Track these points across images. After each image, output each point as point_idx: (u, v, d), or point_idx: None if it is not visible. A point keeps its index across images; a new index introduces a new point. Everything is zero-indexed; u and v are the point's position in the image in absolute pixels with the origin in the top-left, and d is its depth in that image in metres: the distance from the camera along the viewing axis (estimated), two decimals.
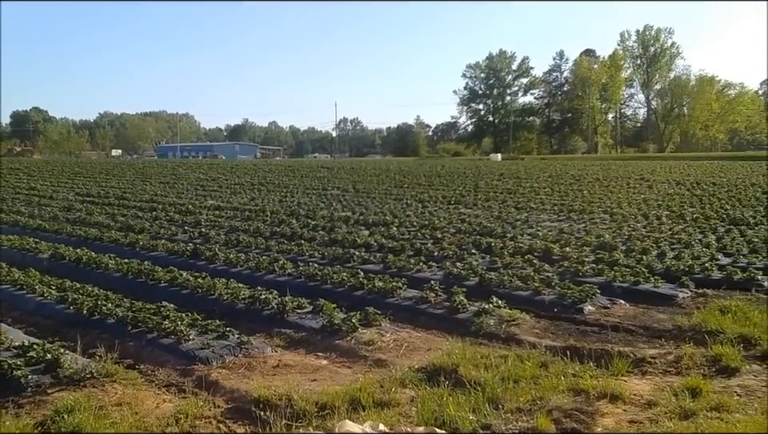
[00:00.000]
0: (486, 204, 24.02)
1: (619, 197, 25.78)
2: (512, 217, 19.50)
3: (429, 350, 7.53)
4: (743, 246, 13.26)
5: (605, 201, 24.20)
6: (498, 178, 39.16)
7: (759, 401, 5.80)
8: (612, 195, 26.72)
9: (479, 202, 24.92)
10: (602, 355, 6.98)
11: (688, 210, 20.43)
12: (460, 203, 24.65)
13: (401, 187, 33.46)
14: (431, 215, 20.08)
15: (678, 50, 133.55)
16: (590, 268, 11.14)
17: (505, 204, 23.85)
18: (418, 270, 11.56)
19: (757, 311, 8.42)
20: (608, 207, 21.64)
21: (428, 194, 28.43)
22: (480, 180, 37.65)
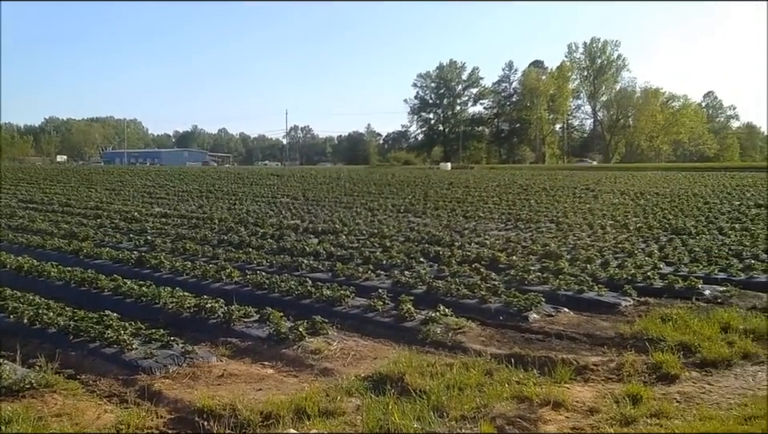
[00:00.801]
0: (435, 213, 24.17)
1: (565, 207, 26.17)
2: (460, 226, 19.68)
3: (376, 358, 7.55)
4: (685, 255, 13.55)
5: (551, 210, 24.53)
6: (447, 187, 39.42)
7: (698, 408, 5.94)
8: (558, 205, 27.10)
9: (428, 210, 25.06)
10: (545, 362, 7.07)
11: (632, 219, 20.83)
12: (409, 212, 24.77)
13: (351, 196, 33.48)
14: (381, 224, 20.14)
15: (624, 62, 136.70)
16: (535, 277, 11.29)
17: (454, 213, 24.03)
18: (367, 278, 11.59)
19: (697, 319, 8.61)
20: (554, 217, 21.95)
21: (378, 203, 28.50)
22: (430, 189, 37.88)
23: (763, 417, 5.51)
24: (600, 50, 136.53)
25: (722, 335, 7.91)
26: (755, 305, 9.61)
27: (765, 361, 7.26)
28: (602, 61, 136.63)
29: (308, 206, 27.38)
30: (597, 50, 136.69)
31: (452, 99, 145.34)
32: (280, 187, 40.26)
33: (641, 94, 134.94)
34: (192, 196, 33.27)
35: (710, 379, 6.78)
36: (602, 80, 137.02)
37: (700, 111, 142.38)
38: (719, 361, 7.16)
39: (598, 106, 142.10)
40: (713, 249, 14.20)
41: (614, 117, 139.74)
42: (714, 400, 6.14)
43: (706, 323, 8.35)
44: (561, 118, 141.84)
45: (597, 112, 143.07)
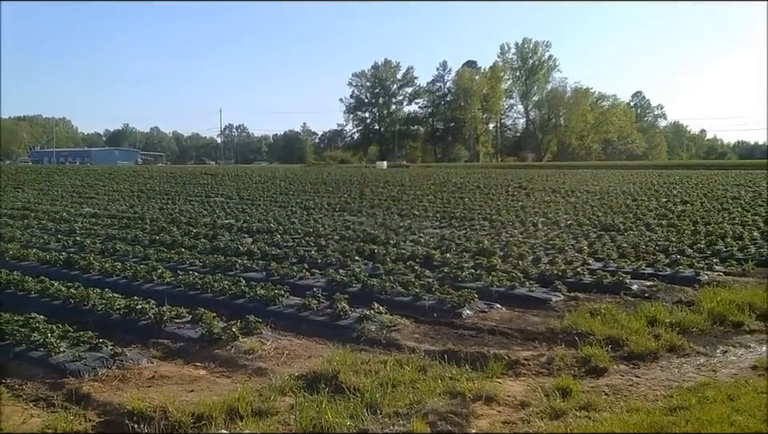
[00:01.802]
0: (370, 211, 24.22)
1: (498, 204, 26.50)
2: (396, 224, 19.76)
3: (310, 357, 7.52)
4: (613, 251, 13.85)
5: (485, 208, 24.80)
6: (383, 186, 39.56)
7: (625, 400, 6.09)
8: (492, 203, 27.44)
9: (364, 209, 25.11)
10: (478, 357, 7.15)
11: (563, 217, 21.24)
12: (345, 210, 24.77)
13: (286, 195, 33.37)
14: (316, 222, 20.07)
15: (555, 62, 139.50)
16: (469, 273, 11.39)
17: (389, 211, 24.12)
18: (302, 277, 11.54)
19: (624, 313, 8.82)
20: (488, 214, 22.20)
21: (313, 202, 28.43)
22: (365, 187, 37.94)
23: (688, 408, 5.67)
24: (531, 50, 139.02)
25: (649, 329, 8.12)
26: (681, 299, 9.88)
27: (690, 353, 7.48)
28: (534, 61, 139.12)
29: (242, 206, 27.13)
30: (528, 51, 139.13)
31: (387, 98, 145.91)
32: (214, 186, 39.86)
33: (571, 94, 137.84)
34: (123, 196, 32.68)
35: (638, 371, 6.96)
36: (533, 80, 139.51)
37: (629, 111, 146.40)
38: (646, 354, 7.36)
39: (530, 106, 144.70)
40: (640, 245, 14.58)
41: (546, 116, 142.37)
42: (641, 392, 6.30)
43: (634, 317, 8.56)
44: (494, 117, 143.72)
45: (529, 111, 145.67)
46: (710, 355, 7.52)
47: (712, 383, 6.44)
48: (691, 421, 5.36)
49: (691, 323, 8.44)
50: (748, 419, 5.36)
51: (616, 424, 5.38)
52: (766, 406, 5.66)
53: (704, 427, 5.23)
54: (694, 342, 7.86)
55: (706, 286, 10.74)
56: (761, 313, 9.04)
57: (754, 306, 9.20)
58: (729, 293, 9.90)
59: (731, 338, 8.19)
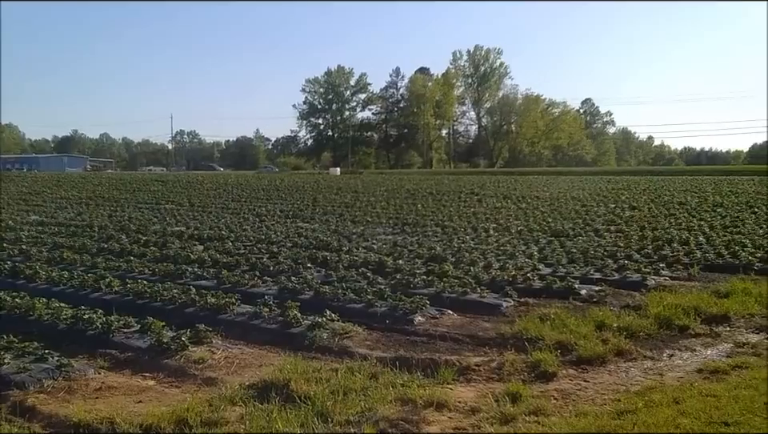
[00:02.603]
0: (323, 218, 24.18)
1: (451, 210, 26.66)
2: (348, 231, 19.73)
3: (261, 366, 7.46)
4: (563, 256, 14.04)
5: (437, 214, 24.92)
6: (336, 193, 39.53)
7: (574, 404, 6.17)
8: (444, 209, 27.58)
9: (317, 216, 25.07)
10: (429, 364, 7.18)
11: (513, 222, 21.43)
12: (298, 217, 24.71)
13: (238, 201, 33.16)
14: (268, 229, 19.95)
15: (506, 69, 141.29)
16: (421, 280, 11.43)
17: (342, 218, 24.09)
18: (253, 285, 11.46)
19: (573, 318, 8.92)
20: (440, 220, 22.32)
21: (266, 209, 28.30)
22: (318, 194, 37.90)
23: (635, 412, 5.77)
24: (483, 57, 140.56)
25: (597, 333, 8.23)
26: (628, 304, 10.05)
27: (637, 357, 7.61)
28: (486, 68, 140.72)
29: (193, 213, 26.88)
30: (480, 58, 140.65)
31: (341, 105, 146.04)
32: (165, 193, 39.39)
33: (522, 101, 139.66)
34: (71, 203, 32.14)
35: (586, 376, 7.05)
36: (485, 87, 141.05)
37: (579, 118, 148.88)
38: (594, 358, 7.45)
39: (482, 113, 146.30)
40: (589, 250, 14.78)
41: (498, 123, 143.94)
42: (590, 397, 6.39)
43: (582, 322, 8.67)
44: (447, 123, 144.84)
45: (481, 118, 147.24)
46: (656, 358, 7.65)
47: (658, 387, 6.56)
48: (638, 425, 5.44)
49: (638, 328, 8.58)
50: (693, 422, 5.47)
51: (564, 429, 5.44)
52: (710, 409, 5.78)
53: (650, 430, 5.32)
54: (641, 346, 8.00)
55: (653, 290, 10.94)
56: (706, 317, 9.23)
57: (699, 310, 9.40)
58: (675, 297, 10.10)
59: (677, 342, 8.34)
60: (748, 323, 9.16)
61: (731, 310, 9.51)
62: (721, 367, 7.14)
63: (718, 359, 7.59)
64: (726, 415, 5.61)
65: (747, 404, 5.88)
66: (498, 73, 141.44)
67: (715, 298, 10.21)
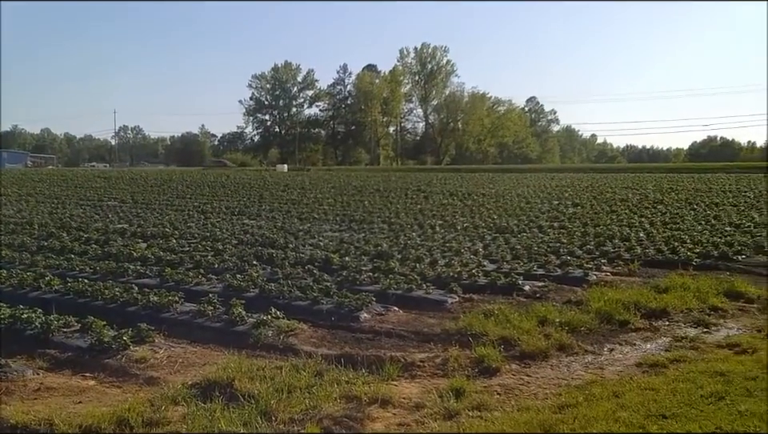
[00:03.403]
0: (270, 215, 24.02)
1: (397, 207, 26.70)
2: (295, 228, 19.63)
3: (204, 365, 7.39)
4: (507, 253, 14.19)
5: (384, 211, 24.95)
6: (283, 189, 39.32)
7: (517, 399, 6.25)
8: (391, 206, 27.61)
9: (263, 212, 24.89)
10: (375, 361, 7.19)
11: (459, 219, 21.56)
12: (244, 214, 24.50)
13: (183, 198, 32.75)
14: (213, 227, 19.75)
15: (453, 67, 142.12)
16: (367, 277, 11.45)
17: (289, 215, 23.96)
18: (197, 283, 11.34)
19: (517, 313, 9.01)
20: (387, 217, 22.34)
21: (211, 205, 28.01)
22: (265, 191, 37.67)
23: (575, 406, 5.87)
24: (430, 55, 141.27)
25: (540, 329, 8.35)
26: (570, 299, 10.19)
27: (578, 352, 7.74)
28: (432, 66, 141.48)
29: (137, 210, 26.47)
30: (427, 56, 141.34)
31: (288, 101, 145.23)
32: (107, 190, 38.76)
33: (469, 99, 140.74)
34: (10, 200, 31.36)
35: (529, 370, 7.15)
36: (432, 84, 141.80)
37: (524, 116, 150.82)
38: (537, 353, 7.56)
39: (429, 110, 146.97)
40: (533, 246, 14.97)
41: (445, 120, 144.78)
42: (532, 391, 6.48)
43: (526, 318, 8.77)
44: (394, 120, 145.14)
45: (428, 115, 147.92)
46: (597, 353, 7.80)
47: (599, 381, 6.69)
48: (578, 418, 5.54)
49: (580, 323, 8.73)
50: (632, 415, 5.58)
51: (507, 423, 5.51)
52: (649, 402, 5.91)
53: (590, 424, 5.42)
54: (583, 341, 8.15)
55: (595, 286, 11.13)
56: (646, 311, 9.43)
57: (639, 304, 9.60)
58: (616, 292, 10.29)
59: (618, 336, 8.51)
60: (686, 317, 9.39)
61: (670, 305, 9.72)
62: (660, 361, 7.31)
63: (657, 353, 7.76)
64: (664, 408, 5.74)
65: (685, 397, 6.03)
66: (445, 71, 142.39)
67: (655, 293, 10.44)
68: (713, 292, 10.47)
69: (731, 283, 10.98)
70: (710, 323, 9.08)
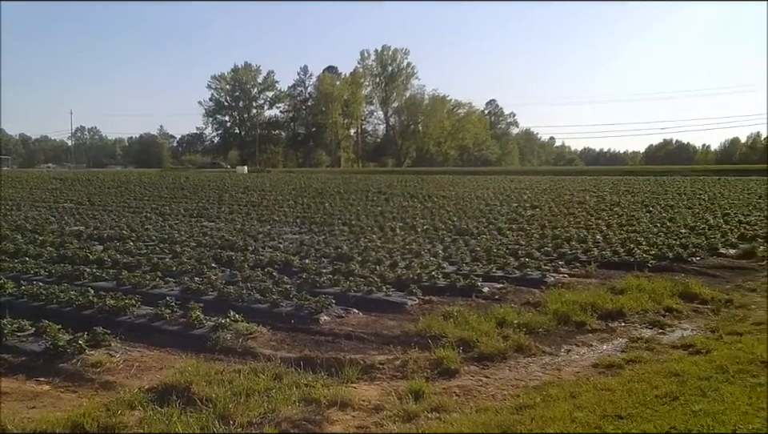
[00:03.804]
0: (229, 217, 23.84)
1: (358, 210, 26.68)
2: (255, 230, 19.51)
3: (161, 369, 7.31)
4: (467, 255, 14.26)
5: (345, 213, 24.90)
6: (242, 191, 39.09)
7: (475, 400, 6.30)
8: (352, 208, 27.58)
9: (222, 215, 24.70)
10: (334, 363, 7.19)
11: (420, 221, 21.60)
12: (202, 216, 24.28)
13: (141, 200, 32.41)
14: (171, 229, 19.54)
15: (414, 70, 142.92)
16: (327, 279, 11.42)
17: (248, 217, 23.82)
18: (155, 286, 11.20)
19: (476, 315, 9.07)
20: (347, 220, 22.30)
21: (169, 207, 27.70)
22: (225, 193, 37.42)
23: (533, 406, 5.93)
24: (391, 57, 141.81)
25: (499, 330, 8.41)
26: (528, 300, 10.29)
27: (536, 353, 7.82)
28: (393, 68, 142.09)
29: (93, 212, 26.07)
30: (388, 58, 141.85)
31: (248, 102, 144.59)
32: (63, 192, 38.15)
33: (429, 101, 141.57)
34: None
35: (487, 372, 7.21)
36: (393, 87, 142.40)
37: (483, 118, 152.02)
38: (495, 354, 7.62)
39: (390, 112, 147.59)
40: (492, 248, 15.05)
41: (405, 122, 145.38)
42: (490, 392, 6.53)
43: (484, 319, 8.83)
44: (355, 123, 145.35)
45: (389, 118, 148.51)
46: (554, 354, 7.88)
47: (556, 382, 6.77)
48: (536, 419, 5.60)
49: (538, 324, 8.82)
50: (588, 416, 5.66)
51: (465, 425, 5.54)
52: (605, 402, 6.00)
53: (547, 425, 5.48)
54: (540, 342, 8.22)
55: (552, 287, 11.25)
56: (602, 313, 9.56)
57: (595, 306, 9.72)
58: (573, 294, 10.42)
59: (574, 337, 8.62)
60: (642, 318, 9.53)
61: (626, 306, 9.86)
62: (616, 362, 7.42)
63: (613, 353, 7.87)
64: (620, 409, 5.82)
65: (640, 397, 6.12)
66: (406, 73, 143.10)
67: (611, 294, 10.58)
68: (668, 294, 10.64)
69: (686, 285, 11.17)
70: (664, 324, 9.24)
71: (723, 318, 9.64)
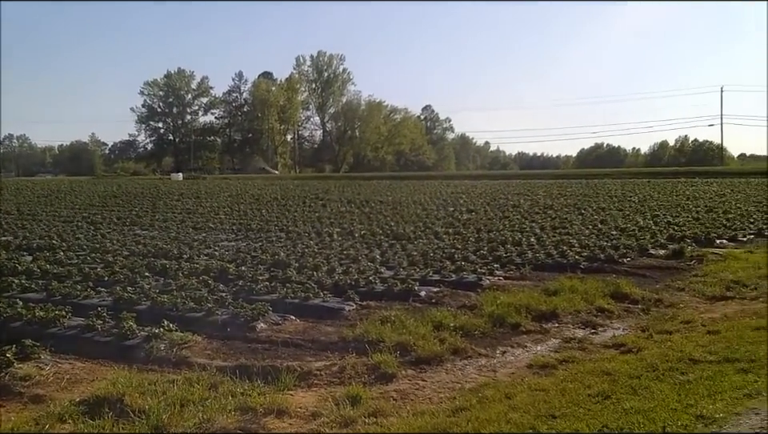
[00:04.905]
0: (163, 225, 23.47)
1: (295, 216, 26.56)
2: (190, 238, 19.26)
3: (93, 381, 7.16)
4: (404, 259, 14.32)
5: (282, 220, 24.75)
6: (177, 198, 38.56)
7: (412, 404, 6.34)
8: (289, 214, 27.44)
9: (156, 223, 24.30)
10: (271, 371, 7.14)
11: (357, 227, 21.58)
12: (136, 225, 23.87)
13: (72, 209, 31.67)
14: (104, 238, 19.14)
15: (350, 75, 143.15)
16: (264, 286, 11.33)
17: (183, 224, 23.50)
18: (86, 296, 10.95)
19: (413, 319, 9.12)
20: (284, 226, 22.19)
21: (101, 216, 27.13)
22: (159, 200, 36.85)
23: (469, 408, 5.99)
24: (327, 63, 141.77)
25: (435, 333, 8.47)
26: (465, 303, 10.39)
27: (472, 355, 7.91)
28: (329, 74, 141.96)
29: (23, 222, 25.31)
30: (323, 64, 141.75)
31: (182, 108, 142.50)
32: None
33: (365, 107, 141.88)
34: None
35: (424, 375, 7.26)
36: (329, 92, 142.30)
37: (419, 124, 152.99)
38: (432, 358, 7.68)
39: (326, 118, 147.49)
40: (429, 253, 15.15)
41: (342, 128, 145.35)
42: (427, 396, 6.58)
43: (421, 323, 8.87)
44: (292, 128, 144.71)
45: (326, 123, 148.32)
46: (490, 356, 7.98)
47: (491, 383, 6.85)
48: (471, 421, 5.66)
49: (474, 327, 8.92)
50: (523, 416, 5.74)
51: (402, 429, 5.57)
52: (539, 403, 6.09)
53: (483, 426, 5.54)
54: (477, 344, 8.32)
55: (488, 290, 11.39)
56: (536, 314, 9.72)
57: (530, 307, 9.88)
58: (508, 296, 10.55)
59: (510, 339, 8.74)
60: (575, 318, 9.73)
61: (559, 307, 10.05)
62: (549, 362, 7.55)
63: (547, 354, 8.01)
64: (554, 408, 5.93)
65: (573, 397, 6.24)
66: (342, 79, 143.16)
67: (545, 296, 10.76)
68: (599, 294, 10.87)
69: (617, 285, 11.43)
70: (597, 324, 9.46)
71: (653, 317, 9.91)
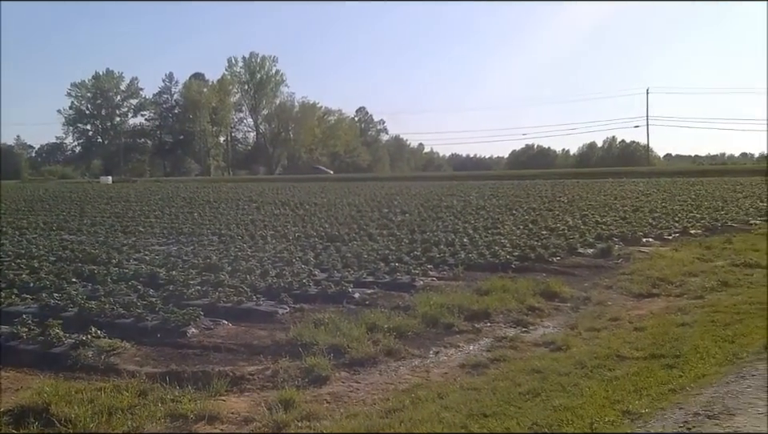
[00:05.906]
0: (91, 229, 22.90)
1: (228, 219, 26.28)
2: (119, 242, 18.89)
3: (18, 390, 6.94)
4: (338, 261, 14.28)
5: (214, 223, 24.46)
6: (106, 202, 37.78)
7: (346, 406, 6.35)
8: (222, 217, 27.12)
9: (84, 227, 23.68)
10: (202, 376, 7.05)
11: (291, 229, 21.48)
12: (63, 229, 23.26)
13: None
14: (29, 243, 18.58)
15: (283, 77, 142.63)
16: (195, 291, 11.15)
17: (112, 229, 23.01)
18: (11, 303, 10.62)
19: (347, 321, 9.09)
20: (217, 229, 21.91)
21: (27, 221, 26.32)
22: (87, 204, 36.04)
23: (402, 409, 6.03)
24: (259, 64, 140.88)
25: (369, 335, 8.48)
26: (398, 305, 10.42)
27: (406, 356, 7.95)
28: (262, 76, 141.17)
29: None
30: (256, 65, 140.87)
31: (110, 110, 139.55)
32: None
33: (299, 109, 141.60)
34: None
35: (358, 377, 7.27)
36: (262, 94, 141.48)
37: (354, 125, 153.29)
38: (366, 360, 7.70)
39: (260, 120, 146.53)
40: (363, 254, 15.15)
41: (276, 130, 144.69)
42: (361, 398, 6.60)
43: (355, 325, 8.85)
44: (224, 130, 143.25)
45: (259, 125, 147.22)
46: (423, 356, 8.04)
47: (424, 384, 6.91)
48: (404, 422, 5.69)
49: (407, 328, 8.95)
50: (455, 416, 5.81)
51: (335, 431, 5.56)
52: (471, 402, 6.17)
53: (416, 427, 5.58)
54: (410, 345, 8.37)
55: (421, 291, 11.44)
56: (469, 314, 9.81)
57: (462, 307, 9.97)
58: (441, 297, 10.62)
59: (443, 339, 8.81)
60: (506, 318, 9.86)
61: (491, 306, 10.16)
62: (481, 362, 7.66)
63: (480, 353, 8.11)
64: (486, 407, 6.01)
65: (504, 395, 6.35)
66: (275, 80, 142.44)
67: (477, 296, 10.86)
68: (530, 293, 11.04)
69: (547, 284, 11.64)
70: (528, 323, 9.60)
71: (582, 315, 10.13)
